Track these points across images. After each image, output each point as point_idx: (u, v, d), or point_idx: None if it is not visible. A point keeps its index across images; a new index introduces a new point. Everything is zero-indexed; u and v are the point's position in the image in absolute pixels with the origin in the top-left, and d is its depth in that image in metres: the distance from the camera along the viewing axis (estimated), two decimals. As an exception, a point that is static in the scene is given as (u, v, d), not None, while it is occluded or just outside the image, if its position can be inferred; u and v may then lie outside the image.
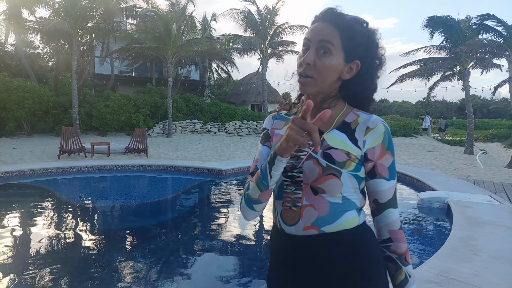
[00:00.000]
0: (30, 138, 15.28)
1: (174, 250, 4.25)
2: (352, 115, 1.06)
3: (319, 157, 1.00)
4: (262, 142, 1.19)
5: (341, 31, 1.00)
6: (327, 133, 1.04)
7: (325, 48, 1.00)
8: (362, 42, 1.02)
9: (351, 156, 1.00)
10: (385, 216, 1.04)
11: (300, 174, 1.03)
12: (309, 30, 1.05)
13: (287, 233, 1.05)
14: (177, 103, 18.82)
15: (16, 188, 7.33)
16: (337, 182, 0.98)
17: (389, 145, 1.03)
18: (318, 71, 1.00)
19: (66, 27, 14.59)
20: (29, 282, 3.23)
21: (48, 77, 21.05)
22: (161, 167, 9.29)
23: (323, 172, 0.98)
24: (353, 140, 1.02)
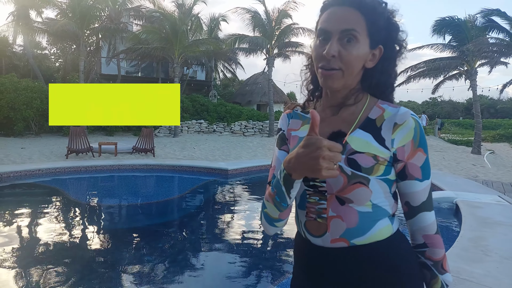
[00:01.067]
0: (38, 138, 15.42)
1: (181, 250, 4.27)
2: (376, 110, 0.94)
3: (343, 164, 0.89)
4: (278, 145, 1.08)
5: (365, 15, 0.89)
6: (350, 135, 0.92)
7: (350, 36, 0.88)
8: (384, 25, 0.92)
9: (379, 159, 0.89)
10: (419, 220, 0.93)
11: (323, 184, 0.92)
12: (325, 17, 0.92)
13: (313, 243, 0.96)
14: (183, 103, 18.89)
15: (25, 187, 7.40)
16: (366, 191, 0.88)
17: (421, 141, 0.91)
18: (346, 62, 0.88)
19: (73, 27, 14.72)
20: (38, 280, 3.26)
21: (56, 78, 21.25)
22: (168, 167, 9.33)
23: (349, 181, 0.88)
24: (379, 140, 0.90)
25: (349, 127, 0.94)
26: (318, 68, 0.92)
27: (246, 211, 6.05)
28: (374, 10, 0.90)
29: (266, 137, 18.85)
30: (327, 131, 0.95)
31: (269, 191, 0.93)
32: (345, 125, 0.95)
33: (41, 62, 24.59)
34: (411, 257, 0.94)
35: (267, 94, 21.89)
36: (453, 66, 16.09)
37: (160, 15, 18.73)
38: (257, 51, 20.07)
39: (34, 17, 19.20)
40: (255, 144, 15.58)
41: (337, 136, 0.93)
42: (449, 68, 16.13)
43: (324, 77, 0.90)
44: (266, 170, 9.66)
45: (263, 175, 9.33)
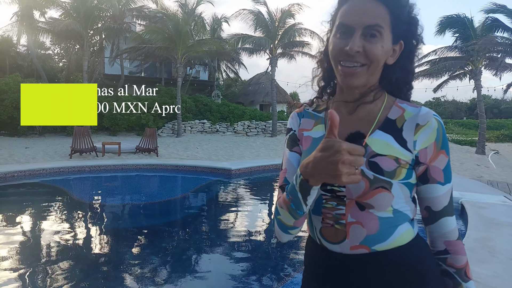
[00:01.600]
0: (42, 137, 15.49)
1: (185, 249, 4.26)
2: (396, 110, 0.89)
3: (364, 168, 0.84)
4: (289, 147, 1.01)
5: (389, 7, 0.84)
6: (370, 137, 0.87)
7: (374, 32, 0.83)
8: (406, 19, 0.87)
9: (401, 162, 0.84)
10: (440, 226, 0.88)
11: (342, 188, 0.87)
12: (346, 10, 0.86)
13: (331, 250, 0.90)
14: (186, 103, 18.92)
15: (30, 187, 7.43)
16: (388, 195, 0.83)
17: (443, 143, 0.87)
18: (371, 58, 0.83)
19: (77, 27, 14.77)
20: (42, 279, 3.26)
21: (60, 78, 21.33)
22: (172, 167, 9.34)
23: (371, 186, 0.83)
24: (401, 141, 0.86)
25: (368, 127, 0.89)
26: (337, 65, 0.86)
27: (249, 211, 6.05)
28: (398, 3, 0.85)
29: (269, 137, 18.84)
30: (344, 132, 0.90)
31: (284, 197, 0.86)
32: (363, 126, 0.90)
33: (45, 62, 24.68)
34: (432, 261, 0.90)
35: (270, 94, 21.88)
36: (458, 66, 16.02)
37: (163, 15, 18.76)
38: (260, 51, 20.07)
39: (37, 17, 19.29)
40: (258, 144, 15.57)
41: (355, 138, 0.89)
42: (454, 67, 16.06)
43: (345, 74, 0.85)
44: (269, 170, 9.65)
45: (266, 175, 9.32)
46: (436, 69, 16.12)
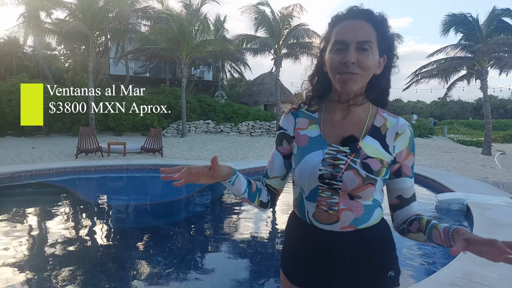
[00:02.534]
0: (48, 138, 15.61)
1: (189, 249, 4.28)
2: (379, 118, 1.10)
3: (359, 167, 1.03)
4: (276, 144, 1.21)
5: (375, 27, 1.02)
6: (362, 141, 1.06)
7: (365, 46, 0.99)
8: (387, 36, 1.05)
9: (384, 163, 1.05)
10: (411, 208, 1.13)
11: (339, 182, 1.04)
12: (340, 30, 1.03)
13: (321, 228, 1.10)
14: (191, 103, 18.98)
15: (36, 186, 7.49)
16: (373, 189, 1.05)
17: (413, 147, 1.10)
18: (363, 68, 1.00)
19: (83, 28, 14.86)
20: (48, 279, 3.30)
21: (65, 78, 21.46)
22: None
23: (363, 183, 1.02)
24: (385, 146, 1.07)
25: (358, 132, 1.08)
26: (336, 75, 1.02)
27: (253, 212, 6.06)
28: (382, 23, 1.03)
29: (273, 137, 18.84)
30: (340, 135, 1.08)
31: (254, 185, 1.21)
32: (355, 130, 1.08)
33: (51, 63, 24.86)
34: (391, 234, 1.15)
35: (274, 94, 21.88)
36: (464, 66, 15.92)
37: (168, 15, 18.82)
38: (265, 51, 20.07)
39: (44, 18, 19.43)
40: (262, 145, 15.58)
41: (350, 141, 1.07)
42: (460, 68, 15.95)
43: (344, 81, 1.01)
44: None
45: (270, 176, 9.33)
46: (442, 68, 16.03)
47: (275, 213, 6.09)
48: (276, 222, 5.53)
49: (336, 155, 1.06)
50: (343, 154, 1.05)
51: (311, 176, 1.07)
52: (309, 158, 1.08)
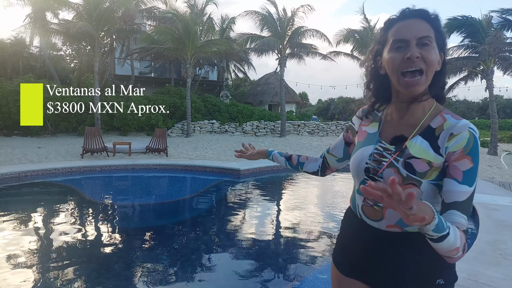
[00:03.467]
0: (54, 137, 15.73)
1: (195, 249, 4.29)
2: (438, 119, 1.05)
3: (400, 166, 1.02)
4: (344, 130, 1.34)
5: (432, 24, 1.03)
6: (410, 141, 1.05)
7: (426, 41, 1.00)
8: (442, 33, 1.06)
9: (433, 165, 1.00)
10: (449, 216, 0.95)
11: (381, 178, 1.07)
12: (398, 29, 1.05)
13: (369, 225, 1.11)
14: (196, 103, 19.02)
15: (42, 186, 7.56)
16: (417, 191, 0.99)
17: (471, 151, 0.98)
18: (428, 62, 1.00)
19: (90, 29, 14.96)
20: (53, 278, 3.32)
21: (71, 78, 21.60)
22: (181, 167, 9.41)
23: (403, 182, 1.01)
24: (435, 148, 1.01)
25: (411, 132, 1.07)
26: (399, 77, 1.03)
27: (258, 211, 6.07)
28: (437, 20, 1.05)
29: (278, 137, 18.83)
30: (391, 135, 1.12)
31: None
32: (408, 130, 1.08)
33: (57, 63, 25.04)
34: None
35: (278, 94, 21.87)
36: (469, 66, 15.80)
37: (173, 15, 18.89)
38: (269, 51, 20.07)
39: (50, 18, 19.58)
40: (267, 144, 15.58)
41: (398, 140, 1.08)
42: (465, 68, 15.84)
43: (409, 85, 1.01)
44: (277, 170, 9.65)
45: (274, 176, 9.33)
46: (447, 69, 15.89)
47: (279, 213, 6.09)
48: (280, 221, 5.53)
49: (382, 152, 1.09)
50: (388, 152, 1.08)
51: (358, 168, 1.14)
52: (360, 151, 1.16)
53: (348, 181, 8.95)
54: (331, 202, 6.85)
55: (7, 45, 23.01)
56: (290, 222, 5.36)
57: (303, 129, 20.97)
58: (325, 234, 4.75)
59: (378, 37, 1.13)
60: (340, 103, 46.31)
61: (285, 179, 9.19)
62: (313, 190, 7.86)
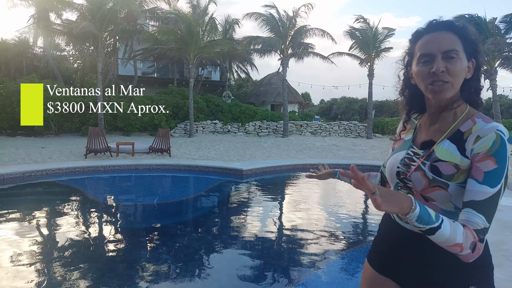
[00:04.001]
0: (57, 137, 15.79)
1: (198, 249, 4.31)
2: (469, 123, 1.07)
3: (426, 169, 1.07)
4: (393, 144, 1.37)
5: (458, 34, 1.06)
6: (438, 145, 1.09)
7: (452, 54, 1.04)
8: (472, 41, 1.08)
9: (460, 167, 1.02)
10: (463, 214, 0.97)
11: (410, 182, 1.12)
12: (423, 43, 1.09)
13: (402, 226, 1.17)
14: (198, 103, 19.05)
15: (46, 186, 7.60)
16: (445, 193, 1.04)
17: (496, 153, 0.98)
18: (453, 75, 1.04)
19: (93, 29, 15.02)
20: (57, 277, 3.35)
21: (75, 79, 21.67)
22: (184, 167, 9.44)
23: (429, 184, 1.05)
24: (462, 150, 1.04)
25: (440, 136, 1.11)
26: (427, 86, 1.08)
27: (260, 212, 6.08)
28: (464, 30, 1.07)
29: (280, 137, 18.83)
30: (422, 140, 1.17)
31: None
32: (437, 135, 1.13)
33: (60, 63, 25.16)
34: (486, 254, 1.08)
35: (281, 94, 21.87)
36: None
37: (176, 16, 18.93)
38: (272, 51, 20.08)
39: (53, 19, 19.66)
40: (270, 145, 15.59)
41: (427, 145, 1.13)
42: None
43: (435, 91, 1.06)
44: (280, 170, 9.66)
45: (277, 176, 9.35)
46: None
47: (281, 213, 6.10)
48: (283, 221, 5.54)
49: (412, 157, 1.15)
50: (417, 156, 1.14)
51: (391, 172, 1.20)
52: (394, 156, 1.23)
53: (350, 182, 8.95)
54: (334, 202, 6.86)
55: (11, 45, 23.13)
56: (293, 222, 5.37)
57: (306, 129, 20.96)
58: (328, 234, 4.76)
59: (407, 48, 1.18)
60: (342, 103, 46.24)
61: (287, 179, 9.20)
62: (316, 190, 7.87)
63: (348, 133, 21.46)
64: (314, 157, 12.25)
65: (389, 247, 1.23)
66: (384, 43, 20.22)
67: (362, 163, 10.52)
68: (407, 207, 0.88)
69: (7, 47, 22.80)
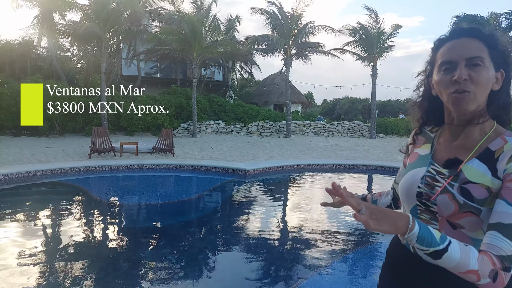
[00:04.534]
0: (62, 137, 15.88)
1: (201, 249, 4.33)
2: (498, 141, 0.96)
3: (456, 192, 0.94)
4: (404, 158, 1.24)
5: (484, 42, 0.97)
6: (466, 164, 0.96)
7: (476, 62, 0.94)
8: (501, 50, 0.99)
9: (492, 190, 0.91)
10: (486, 237, 0.87)
11: (434, 205, 0.98)
12: (446, 50, 0.99)
13: (425, 260, 0.99)
14: (201, 103, 19.10)
15: (51, 185, 7.65)
16: (476, 220, 0.91)
17: None
18: (477, 84, 0.93)
19: (97, 30, 15.10)
20: (62, 276, 3.37)
21: (78, 79, 21.77)
22: (188, 167, 9.47)
23: (460, 210, 0.92)
24: (493, 171, 0.92)
25: (466, 154, 0.98)
26: (448, 96, 0.97)
27: (264, 212, 6.09)
28: (492, 37, 0.97)
29: (283, 138, 18.84)
30: (444, 157, 1.03)
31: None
32: (463, 152, 0.99)
33: (64, 63, 25.27)
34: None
35: (284, 94, 21.88)
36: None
37: (179, 16, 18.98)
38: (274, 51, 20.10)
39: (58, 19, 19.77)
40: (272, 145, 15.60)
41: (452, 164, 1.00)
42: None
43: (457, 100, 0.95)
44: (283, 171, 9.67)
45: (280, 176, 9.36)
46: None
47: (285, 213, 6.11)
48: (287, 221, 5.56)
49: (435, 176, 1.01)
50: (441, 176, 1.00)
51: (409, 191, 1.05)
52: (412, 173, 1.08)
53: (353, 180, 8.96)
54: (337, 203, 6.85)
55: (15, 46, 23.27)
56: (297, 222, 5.39)
57: (309, 129, 20.95)
58: (331, 234, 4.77)
59: (429, 57, 1.07)
60: (345, 103, 46.15)
61: (291, 179, 9.21)
62: (319, 190, 7.87)
63: (351, 133, 21.44)
64: (317, 157, 12.25)
65: (399, 273, 1.09)
66: (387, 42, 20.16)
67: (365, 163, 10.51)
68: (403, 226, 0.80)
69: (12, 48, 22.94)
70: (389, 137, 21.04)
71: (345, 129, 21.54)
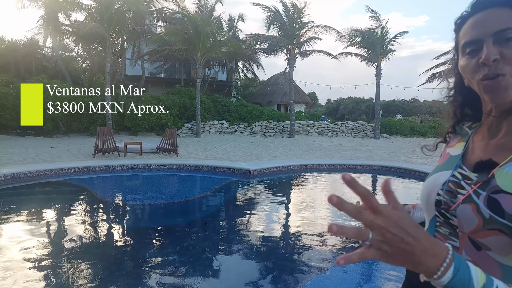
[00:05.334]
0: (66, 137, 15.97)
1: (205, 249, 4.33)
2: None
3: (481, 203, 0.71)
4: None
5: None
6: (501, 168, 0.73)
7: (509, 35, 0.71)
8: None
9: None
10: None
11: (454, 217, 0.77)
12: (468, 29, 0.77)
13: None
14: (205, 103, 19.14)
15: (56, 185, 7.69)
16: (508, 241, 0.67)
17: None
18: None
19: (101, 30, 15.17)
20: (66, 275, 3.39)
21: (83, 79, 21.88)
22: (191, 167, 9.49)
23: (484, 225, 0.70)
24: None
25: (505, 156, 0.74)
26: (479, 82, 0.75)
27: (267, 212, 6.09)
28: None
29: (287, 138, 18.83)
30: (476, 159, 0.81)
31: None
32: (500, 154, 0.76)
33: (69, 64, 25.42)
34: None
35: (288, 94, 21.86)
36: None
37: (183, 16, 19.03)
38: (278, 51, 20.09)
39: (62, 20, 19.89)
40: (276, 145, 15.59)
41: (484, 167, 0.77)
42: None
43: (490, 88, 0.73)
44: (287, 171, 9.66)
45: (284, 176, 9.35)
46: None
47: (288, 213, 6.11)
48: (290, 221, 5.55)
49: (461, 181, 0.79)
50: (468, 182, 0.78)
51: (428, 199, 0.84)
52: (434, 177, 0.86)
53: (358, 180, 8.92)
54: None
55: (21, 46, 23.45)
56: (300, 222, 5.38)
57: (313, 129, 20.92)
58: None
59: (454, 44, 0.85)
60: (349, 103, 46.07)
61: (294, 180, 9.19)
62: (323, 189, 7.86)
63: (355, 133, 21.38)
64: (321, 158, 12.23)
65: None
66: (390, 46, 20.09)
67: (369, 164, 10.48)
68: (431, 267, 0.55)
69: (17, 48, 23.12)
70: (393, 137, 20.96)
71: (349, 129, 21.48)
